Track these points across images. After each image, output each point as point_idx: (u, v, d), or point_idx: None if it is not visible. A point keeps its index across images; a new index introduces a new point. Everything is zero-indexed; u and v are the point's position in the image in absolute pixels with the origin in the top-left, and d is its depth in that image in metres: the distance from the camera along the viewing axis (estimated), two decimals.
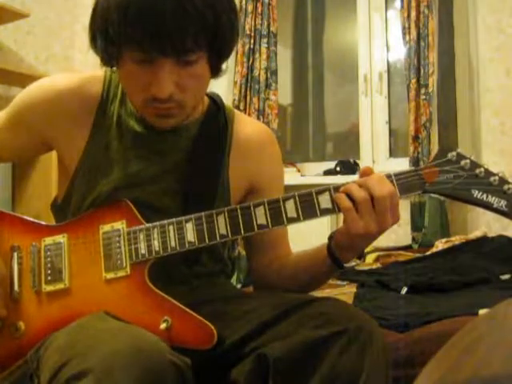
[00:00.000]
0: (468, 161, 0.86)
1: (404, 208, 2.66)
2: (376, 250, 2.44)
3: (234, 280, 2.24)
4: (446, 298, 1.41)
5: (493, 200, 0.85)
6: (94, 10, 0.88)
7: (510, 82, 2.49)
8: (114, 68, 0.96)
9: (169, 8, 0.81)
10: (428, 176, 0.87)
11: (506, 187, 0.85)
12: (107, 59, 0.93)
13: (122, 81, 0.97)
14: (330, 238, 0.95)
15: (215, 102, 1.07)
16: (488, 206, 0.85)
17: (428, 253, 2.12)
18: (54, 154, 1.07)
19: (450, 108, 2.62)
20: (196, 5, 0.82)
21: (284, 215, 0.88)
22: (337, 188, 0.88)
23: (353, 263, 0.98)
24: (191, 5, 0.82)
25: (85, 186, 0.99)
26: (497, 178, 0.85)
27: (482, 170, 0.86)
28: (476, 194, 0.85)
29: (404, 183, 0.87)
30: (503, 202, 0.85)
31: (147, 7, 0.81)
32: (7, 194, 2.80)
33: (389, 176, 0.88)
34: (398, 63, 2.95)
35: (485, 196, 0.85)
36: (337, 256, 0.94)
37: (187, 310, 0.86)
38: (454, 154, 0.87)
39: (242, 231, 0.89)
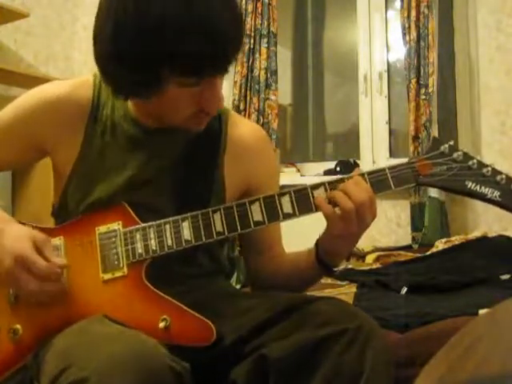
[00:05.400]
0: (460, 153, 0.87)
1: (404, 208, 2.66)
2: (376, 249, 2.44)
3: (234, 280, 2.24)
4: (446, 298, 1.41)
5: (486, 191, 0.85)
6: (122, 44, 0.82)
7: (510, 82, 2.49)
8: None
9: (232, 32, 0.83)
10: (421, 168, 0.88)
11: (498, 178, 0.85)
12: (141, 91, 0.89)
13: (159, 106, 0.91)
14: (316, 244, 0.97)
15: None
16: (482, 197, 0.86)
17: (428, 253, 2.12)
18: None
19: (450, 108, 2.61)
20: (241, 23, 0.89)
21: (280, 211, 0.89)
22: (331, 183, 0.89)
23: (342, 266, 1.00)
24: (240, 25, 0.88)
25: (80, 191, 0.98)
26: (489, 169, 0.86)
27: (475, 161, 0.87)
28: (470, 185, 0.86)
29: (398, 176, 0.88)
30: (497, 193, 0.85)
31: (209, 34, 0.81)
32: (7, 198, 2.79)
33: (383, 170, 0.88)
34: (398, 63, 2.95)
35: (478, 187, 0.86)
36: (325, 261, 0.96)
37: (185, 308, 0.86)
38: (446, 146, 0.88)
39: (239, 228, 0.89)
